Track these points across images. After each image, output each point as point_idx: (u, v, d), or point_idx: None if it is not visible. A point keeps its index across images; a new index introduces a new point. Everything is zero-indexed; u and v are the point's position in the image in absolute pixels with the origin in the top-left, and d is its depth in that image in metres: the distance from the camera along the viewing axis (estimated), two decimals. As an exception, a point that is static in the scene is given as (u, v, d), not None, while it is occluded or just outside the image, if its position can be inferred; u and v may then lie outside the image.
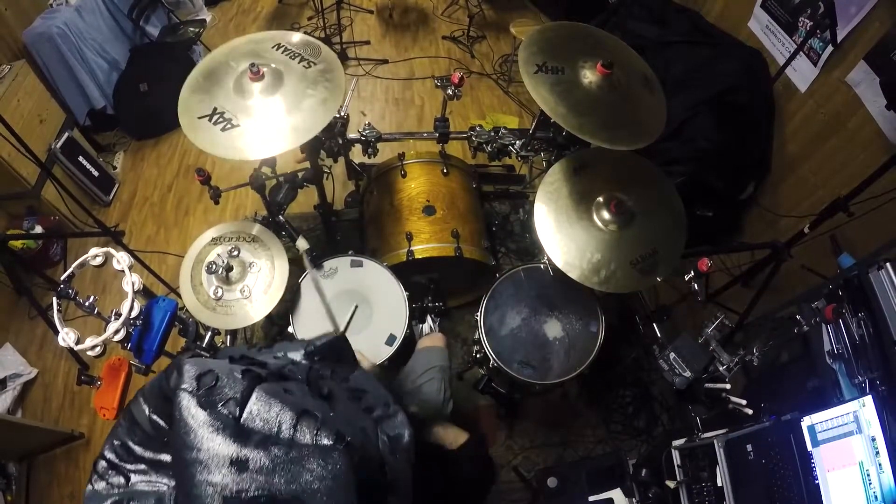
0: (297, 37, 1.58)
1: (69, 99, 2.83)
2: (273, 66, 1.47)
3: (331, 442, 0.51)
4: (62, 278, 1.32)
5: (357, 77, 3.43)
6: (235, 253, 1.54)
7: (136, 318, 1.33)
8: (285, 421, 0.51)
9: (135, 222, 2.80)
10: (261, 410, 0.51)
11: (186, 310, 1.52)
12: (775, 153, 2.32)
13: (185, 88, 1.47)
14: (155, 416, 0.56)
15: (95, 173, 2.75)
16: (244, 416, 0.50)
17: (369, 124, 1.96)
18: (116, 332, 1.28)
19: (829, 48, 1.95)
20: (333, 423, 0.53)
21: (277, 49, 1.54)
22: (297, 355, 0.67)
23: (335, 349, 0.73)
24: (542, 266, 1.79)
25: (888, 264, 1.39)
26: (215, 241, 1.60)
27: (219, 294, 1.49)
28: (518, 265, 1.84)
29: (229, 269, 1.51)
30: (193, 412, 0.50)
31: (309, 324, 1.62)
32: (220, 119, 1.38)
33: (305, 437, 0.51)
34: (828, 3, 1.90)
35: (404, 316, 1.66)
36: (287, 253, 1.61)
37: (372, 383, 0.74)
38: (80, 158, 2.66)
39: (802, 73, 2.12)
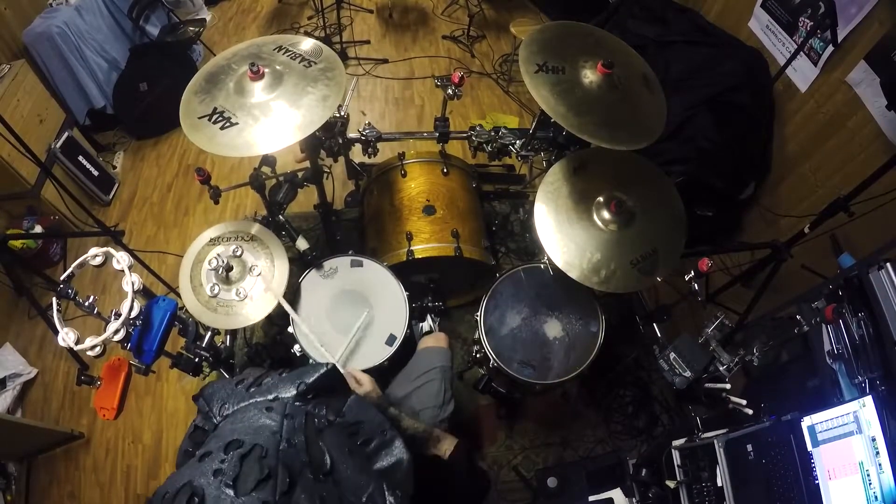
0: (299, 40, 1.58)
1: (69, 99, 2.83)
2: (274, 66, 1.47)
3: None
4: (62, 278, 1.31)
5: (357, 77, 3.43)
6: (239, 253, 1.54)
7: (136, 318, 1.33)
8: None
9: (134, 222, 2.79)
10: None
11: (186, 310, 1.52)
12: (775, 153, 2.32)
13: (187, 92, 1.46)
14: None
15: (95, 173, 2.75)
16: None
17: (369, 124, 1.96)
18: (116, 332, 1.28)
19: (830, 48, 1.95)
20: None
21: (279, 51, 1.54)
22: (288, 393, 0.72)
23: (327, 383, 0.76)
24: (542, 266, 1.79)
25: (888, 264, 1.38)
26: (215, 241, 1.59)
27: (215, 291, 1.48)
28: (518, 265, 1.83)
29: (229, 268, 1.51)
30: None
31: (309, 324, 1.61)
32: (220, 118, 1.38)
33: None
34: (828, 3, 1.90)
35: (404, 316, 1.65)
36: (287, 253, 1.61)
37: (367, 411, 0.78)
38: (80, 158, 2.67)
39: (803, 73, 2.12)
